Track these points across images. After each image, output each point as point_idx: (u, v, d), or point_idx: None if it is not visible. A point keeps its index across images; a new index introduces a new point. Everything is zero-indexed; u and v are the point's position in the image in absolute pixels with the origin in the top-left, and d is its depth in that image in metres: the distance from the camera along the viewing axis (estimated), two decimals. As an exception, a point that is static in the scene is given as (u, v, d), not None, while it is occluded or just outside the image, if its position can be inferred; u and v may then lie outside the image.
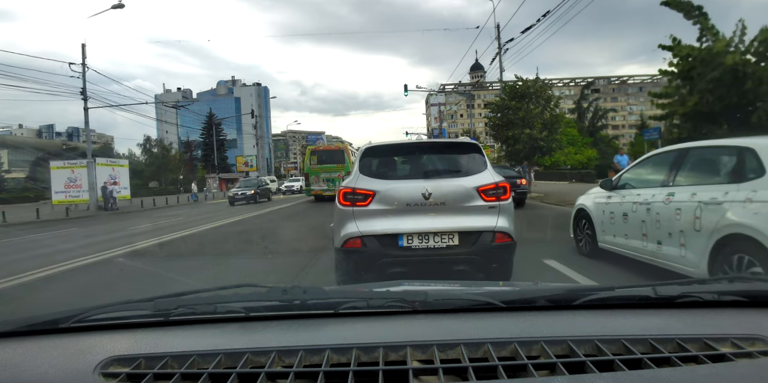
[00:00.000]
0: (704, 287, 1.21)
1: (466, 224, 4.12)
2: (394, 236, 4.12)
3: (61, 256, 7.89)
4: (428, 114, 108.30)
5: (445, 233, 4.10)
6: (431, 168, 4.52)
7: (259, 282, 1.46)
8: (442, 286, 1.64)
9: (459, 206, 4.17)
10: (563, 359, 0.88)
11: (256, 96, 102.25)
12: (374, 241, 4.11)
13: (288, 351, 0.94)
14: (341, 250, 4.21)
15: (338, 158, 21.99)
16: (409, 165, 4.70)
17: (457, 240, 4.11)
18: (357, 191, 4.22)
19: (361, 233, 4.11)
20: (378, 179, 4.34)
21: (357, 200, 4.20)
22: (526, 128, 19.44)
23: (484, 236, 4.11)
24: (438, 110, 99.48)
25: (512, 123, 20.08)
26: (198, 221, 15.04)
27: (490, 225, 4.11)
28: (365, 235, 4.11)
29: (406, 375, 0.85)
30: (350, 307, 1.14)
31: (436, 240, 4.10)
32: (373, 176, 4.38)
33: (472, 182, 4.23)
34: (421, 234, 4.10)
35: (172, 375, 0.87)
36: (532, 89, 20.22)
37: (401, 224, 4.12)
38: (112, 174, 26.24)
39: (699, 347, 0.93)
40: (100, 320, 1.15)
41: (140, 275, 6.57)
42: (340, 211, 4.28)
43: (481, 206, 4.16)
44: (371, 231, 4.11)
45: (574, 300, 1.16)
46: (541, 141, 19.59)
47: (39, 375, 0.92)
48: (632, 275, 4.96)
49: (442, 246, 4.09)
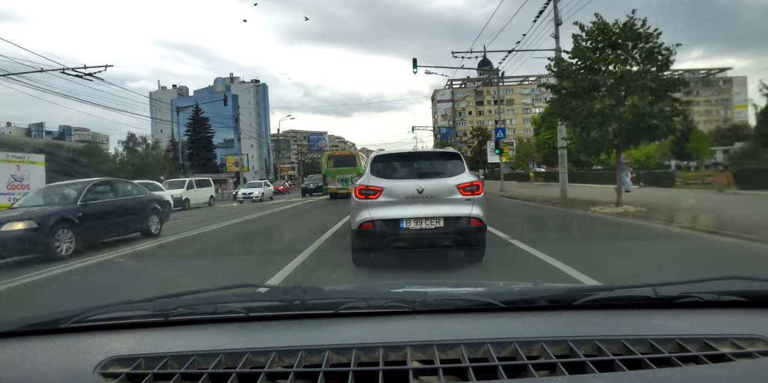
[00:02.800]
0: (704, 287, 1.21)
1: (449, 211, 5.37)
2: (396, 220, 5.38)
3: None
4: (435, 111, 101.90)
5: (433, 218, 5.36)
6: (423, 171, 5.81)
7: (260, 282, 1.46)
8: (442, 286, 1.64)
9: (444, 198, 5.43)
10: (563, 359, 0.88)
11: (254, 94, 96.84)
12: (382, 224, 5.36)
13: (288, 351, 0.94)
14: (357, 231, 5.44)
15: (351, 161, 26.25)
16: (407, 168, 6.01)
17: (442, 223, 5.37)
18: (369, 187, 5.50)
19: (372, 218, 5.36)
20: (384, 178, 5.60)
21: (369, 194, 5.47)
22: (631, 96, 11.13)
23: (462, 220, 5.36)
24: (446, 107, 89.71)
25: (596, 89, 12.05)
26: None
27: (467, 212, 5.38)
28: (375, 219, 5.35)
29: (406, 375, 0.85)
30: (350, 307, 1.15)
31: (427, 223, 5.38)
32: (381, 176, 5.64)
33: (453, 181, 5.50)
34: (416, 219, 5.36)
35: (172, 376, 0.87)
36: (629, 34, 11.62)
37: (402, 212, 5.38)
38: (17, 174, 20.34)
39: (699, 347, 0.93)
40: (100, 320, 1.15)
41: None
42: (356, 202, 5.53)
43: (460, 198, 5.41)
44: (380, 217, 5.36)
45: (574, 300, 1.16)
46: (651, 118, 11.09)
47: (39, 375, 0.92)
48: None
49: (431, 228, 5.36)
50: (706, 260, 5.84)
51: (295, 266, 5.84)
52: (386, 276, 5.30)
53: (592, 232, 8.88)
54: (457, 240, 5.44)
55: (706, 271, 4.73)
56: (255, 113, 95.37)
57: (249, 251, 7.91)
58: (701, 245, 6.94)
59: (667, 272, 4.77)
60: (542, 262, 5.62)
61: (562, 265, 5.25)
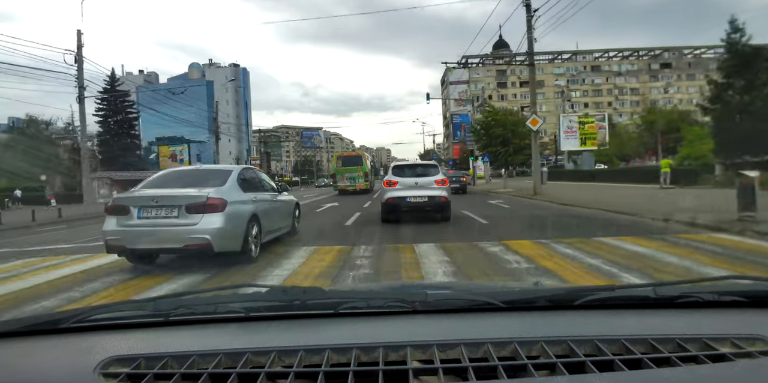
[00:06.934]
0: (704, 287, 1.21)
1: (430, 193, 10.48)
2: (404, 197, 10.50)
3: None
4: (446, 95, 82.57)
5: (422, 196, 10.47)
6: (418, 173, 10.92)
7: (260, 282, 1.46)
8: (443, 287, 1.64)
9: (427, 186, 10.51)
10: (563, 359, 0.88)
11: (233, 80, 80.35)
12: (397, 199, 10.52)
13: (288, 351, 0.94)
14: (384, 203, 10.68)
15: (357, 161, 29.53)
16: (410, 171, 11.08)
17: (427, 199, 10.49)
18: (391, 181, 10.73)
19: (393, 196, 10.56)
20: (398, 177, 10.80)
21: (391, 184, 10.72)
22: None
23: (437, 198, 10.50)
24: (460, 91, 71.13)
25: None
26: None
27: (439, 194, 10.52)
28: (394, 196, 10.55)
29: (406, 375, 0.85)
30: (350, 307, 1.15)
31: (420, 199, 10.47)
32: (397, 175, 10.88)
33: (433, 178, 10.63)
34: (414, 196, 10.46)
35: (172, 376, 0.87)
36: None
37: (407, 193, 10.49)
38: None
39: (699, 347, 0.93)
40: (101, 320, 1.15)
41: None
42: (384, 189, 10.99)
43: (435, 187, 10.51)
44: (396, 195, 10.55)
45: (574, 300, 1.16)
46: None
47: (39, 375, 0.92)
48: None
49: (421, 201, 10.50)
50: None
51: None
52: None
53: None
54: (435, 208, 10.85)
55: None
56: (233, 101, 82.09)
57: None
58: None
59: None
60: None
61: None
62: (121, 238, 5.81)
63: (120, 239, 5.82)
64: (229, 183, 6.47)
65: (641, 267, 5.27)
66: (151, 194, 5.97)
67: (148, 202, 5.83)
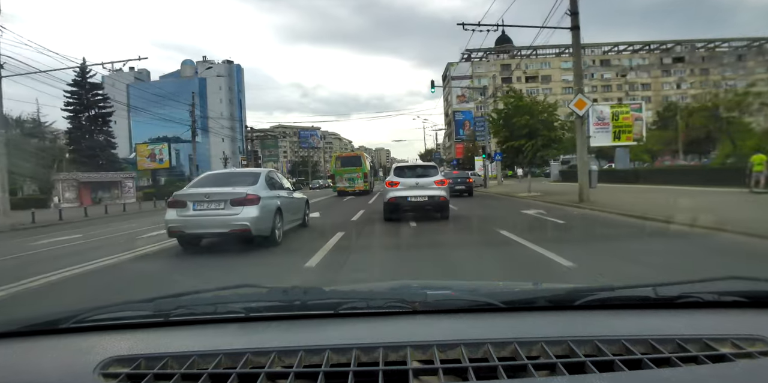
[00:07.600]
0: (704, 287, 1.21)
1: (430, 193, 10.94)
2: (405, 197, 10.93)
3: None
4: (448, 92, 76.85)
5: (422, 196, 10.94)
6: (418, 173, 11.47)
7: (260, 282, 1.46)
8: (442, 287, 1.64)
9: (427, 186, 10.98)
10: (563, 359, 0.88)
11: (227, 77, 78.68)
12: (399, 198, 10.95)
13: (288, 351, 0.94)
14: (386, 202, 11.09)
15: (357, 162, 28.99)
16: (411, 172, 11.63)
17: (427, 198, 10.97)
18: (393, 181, 11.18)
19: (395, 196, 10.99)
20: (400, 177, 11.25)
21: (393, 184, 11.13)
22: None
23: (436, 197, 10.98)
24: (463, 86, 66.59)
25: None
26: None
27: (438, 194, 10.98)
28: (396, 196, 10.97)
29: (406, 375, 0.85)
30: (350, 307, 1.15)
31: (420, 198, 10.93)
32: (398, 176, 11.33)
33: (432, 179, 11.12)
34: (414, 196, 10.91)
35: (172, 376, 0.87)
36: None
37: (408, 193, 10.93)
38: None
39: (699, 347, 0.93)
40: (100, 320, 1.15)
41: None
42: (387, 189, 11.39)
43: (435, 187, 10.97)
44: (398, 195, 10.97)
45: (574, 301, 1.16)
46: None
47: (39, 375, 0.92)
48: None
49: (422, 200, 10.96)
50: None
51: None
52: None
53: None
54: (434, 207, 11.31)
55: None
56: (227, 99, 79.54)
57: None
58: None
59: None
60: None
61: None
62: (181, 225, 7.32)
63: (180, 226, 7.33)
64: (260, 183, 8.02)
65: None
66: (203, 192, 7.52)
67: (202, 198, 7.39)
